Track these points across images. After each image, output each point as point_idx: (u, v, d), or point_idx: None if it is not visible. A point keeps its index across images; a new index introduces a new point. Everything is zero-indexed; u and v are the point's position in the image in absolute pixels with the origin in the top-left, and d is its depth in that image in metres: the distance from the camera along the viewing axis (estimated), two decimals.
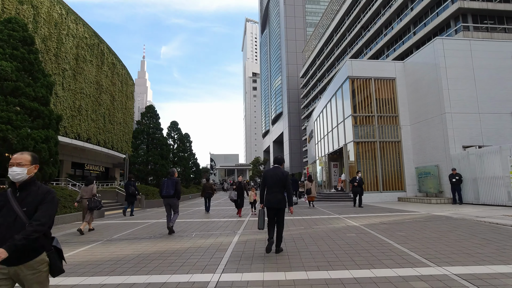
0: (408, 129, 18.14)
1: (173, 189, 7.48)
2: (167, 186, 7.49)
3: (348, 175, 18.90)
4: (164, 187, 7.53)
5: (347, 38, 51.60)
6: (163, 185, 7.56)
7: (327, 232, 6.99)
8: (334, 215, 10.46)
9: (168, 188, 7.49)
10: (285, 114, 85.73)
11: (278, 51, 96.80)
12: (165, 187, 7.51)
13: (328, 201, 18.61)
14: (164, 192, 7.48)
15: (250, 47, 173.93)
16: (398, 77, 18.59)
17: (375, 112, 18.21)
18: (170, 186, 7.49)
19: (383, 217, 9.39)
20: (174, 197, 7.53)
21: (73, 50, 23.93)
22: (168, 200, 7.57)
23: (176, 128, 29.57)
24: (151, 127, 21.71)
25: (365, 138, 17.99)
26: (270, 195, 5.19)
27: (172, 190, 7.47)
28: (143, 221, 10.46)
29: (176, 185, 7.53)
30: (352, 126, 18.00)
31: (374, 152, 17.92)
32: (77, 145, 24.49)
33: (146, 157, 20.80)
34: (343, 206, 14.43)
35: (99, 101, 27.88)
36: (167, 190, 7.48)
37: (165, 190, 7.49)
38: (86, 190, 8.65)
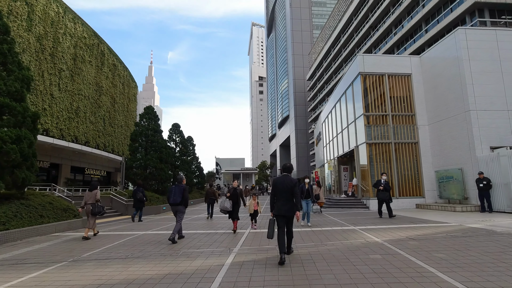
0: (426, 129, 16.62)
1: (180, 196, 7.32)
2: (174, 193, 7.33)
3: (359, 179, 17.41)
4: (171, 194, 7.39)
5: (354, 38, 50.24)
6: (171, 192, 7.45)
7: (344, 252, 5.60)
8: (349, 226, 9.04)
9: (175, 195, 7.32)
10: (292, 117, 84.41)
11: (284, 54, 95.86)
12: (173, 194, 7.36)
13: (338, 207, 17.13)
14: (172, 199, 7.34)
15: (256, 51, 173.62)
16: (414, 73, 17.11)
17: (389, 111, 16.74)
18: (178, 193, 7.33)
19: (407, 230, 7.94)
20: (181, 204, 7.37)
21: (71, 50, 23.07)
22: (176, 208, 7.42)
23: (178, 131, 28.43)
24: (150, 129, 20.57)
25: (378, 139, 16.51)
26: (280, 202, 5.26)
27: (179, 197, 7.31)
28: (130, 233, 9.18)
29: (183, 192, 7.38)
30: (364, 127, 16.56)
31: (389, 155, 16.43)
32: (75, 148, 23.50)
33: (144, 161, 19.64)
34: (356, 214, 12.94)
35: (98, 103, 26.95)
36: (174, 197, 7.32)
37: (172, 197, 7.34)
38: (90, 195, 8.66)
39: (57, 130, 21.26)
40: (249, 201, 9.48)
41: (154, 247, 6.66)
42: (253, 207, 9.12)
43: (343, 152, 20.99)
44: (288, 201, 5.23)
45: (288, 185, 5.28)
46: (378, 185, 11.45)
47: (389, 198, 11.28)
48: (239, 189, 9.35)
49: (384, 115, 16.82)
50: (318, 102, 71.32)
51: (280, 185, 5.33)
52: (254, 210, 9.13)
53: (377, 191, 11.52)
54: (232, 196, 9.04)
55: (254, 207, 9.10)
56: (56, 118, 21.18)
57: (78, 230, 10.10)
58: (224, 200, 8.74)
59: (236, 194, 9.12)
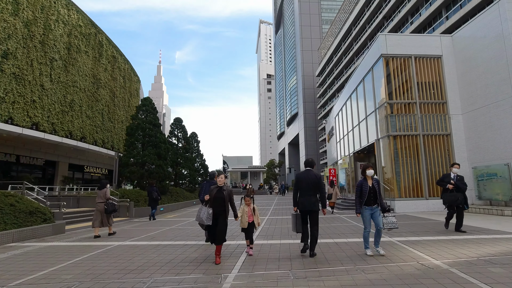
0: (460, 118, 14.35)
1: None
2: (205, 191, 6.90)
3: (381, 177, 15.25)
4: (202, 191, 7.12)
5: (367, 30, 47.73)
6: (202, 189, 7.22)
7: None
8: (384, 237, 6.98)
9: (206, 192, 6.62)
10: (301, 114, 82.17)
11: (293, 50, 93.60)
12: (203, 191, 7.04)
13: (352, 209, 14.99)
14: (201, 197, 6.95)
15: (264, 48, 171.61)
16: (445, 55, 14.85)
17: (417, 99, 14.53)
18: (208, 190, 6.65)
19: (468, 244, 5.85)
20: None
21: (64, 38, 21.47)
22: None
23: (180, 126, 26.62)
24: (147, 122, 18.79)
25: (404, 131, 14.32)
26: (304, 198, 5.27)
27: None
28: (103, 243, 7.33)
29: None
30: (388, 117, 14.38)
31: (416, 148, 14.23)
32: (69, 144, 21.94)
33: (141, 157, 17.87)
34: None
35: (96, 97, 25.36)
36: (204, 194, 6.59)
37: (202, 194, 6.99)
38: (100, 194, 8.58)
39: (48, 124, 19.67)
40: (241, 208, 5.87)
41: (121, 275, 4.76)
42: (247, 218, 5.75)
43: (360, 147, 18.83)
44: (312, 196, 5.25)
45: (312, 180, 5.30)
46: (446, 182, 7.57)
47: (465, 203, 7.38)
48: (227, 189, 5.47)
49: (411, 103, 14.61)
50: (328, 98, 69.00)
51: (304, 180, 5.31)
52: (249, 223, 5.74)
53: (443, 191, 7.75)
54: (215, 202, 5.27)
55: (249, 217, 5.76)
56: (47, 111, 19.59)
57: (45, 238, 8.29)
58: (202, 209, 5.31)
59: (222, 198, 5.29)
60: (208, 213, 5.14)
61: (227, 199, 5.31)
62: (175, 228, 9.99)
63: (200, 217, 5.22)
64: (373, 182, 5.37)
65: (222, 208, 5.23)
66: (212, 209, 5.18)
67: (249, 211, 5.80)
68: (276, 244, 6.52)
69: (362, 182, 5.40)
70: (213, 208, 5.19)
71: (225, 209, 5.24)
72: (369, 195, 5.27)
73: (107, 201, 8.50)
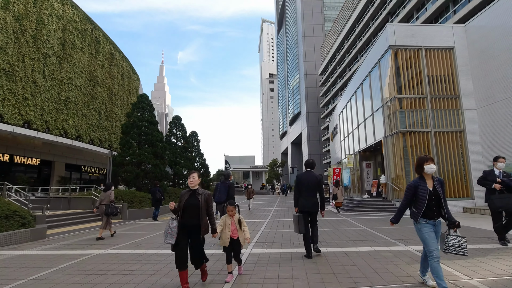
0: (474, 114, 13.42)
1: (225, 194, 6.84)
2: (219, 191, 6.91)
3: (389, 176, 14.35)
4: (216, 192, 6.94)
5: (371, 27, 46.79)
6: (216, 190, 7.00)
7: None
8: (397, 244, 6.09)
9: (220, 193, 6.90)
10: (303, 113, 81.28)
11: (295, 49, 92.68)
12: (218, 192, 6.94)
13: (362, 210, 14.12)
14: (216, 197, 6.87)
15: (266, 48, 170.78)
16: (458, 46, 13.92)
17: (428, 93, 13.61)
18: (223, 191, 6.89)
19: (502, 255, 4.97)
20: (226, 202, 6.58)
21: (58, 33, 20.76)
22: (220, 207, 6.95)
23: (179, 124, 25.81)
24: (144, 120, 17.99)
25: (415, 127, 13.41)
26: (304, 198, 5.24)
27: (224, 195, 6.85)
28: (81, 252, 6.52)
29: (228, 190, 6.85)
30: (397, 112, 13.48)
31: (428, 146, 13.32)
32: (64, 143, 21.25)
33: (137, 156, 17.08)
34: None
35: (92, 94, 24.65)
36: (219, 195, 6.90)
37: (217, 195, 6.89)
38: (105, 196, 8.59)
39: (41, 122, 18.97)
40: (222, 220, 4.23)
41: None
42: (229, 234, 4.10)
43: (366, 145, 17.92)
44: (312, 197, 5.27)
45: (313, 181, 5.29)
46: (491, 181, 5.81)
47: None
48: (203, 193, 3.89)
49: (421, 97, 13.70)
50: (331, 97, 68.07)
51: (304, 181, 5.30)
52: (232, 240, 4.11)
53: (488, 193, 5.92)
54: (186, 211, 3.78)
55: (232, 233, 4.12)
56: (40, 109, 18.89)
57: (20, 245, 7.49)
58: (170, 222, 3.79)
59: (196, 206, 3.78)
60: (171, 228, 3.70)
61: (203, 207, 3.80)
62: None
63: (167, 232, 3.74)
64: (434, 183, 3.51)
65: (196, 221, 3.72)
66: (179, 222, 3.74)
67: (232, 224, 4.15)
68: (276, 254, 5.67)
69: (418, 183, 3.57)
70: (184, 221, 3.72)
71: (199, 222, 3.74)
72: (429, 202, 3.44)
73: (110, 204, 8.44)
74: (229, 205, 4.20)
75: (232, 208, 4.18)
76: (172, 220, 3.81)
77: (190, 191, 3.90)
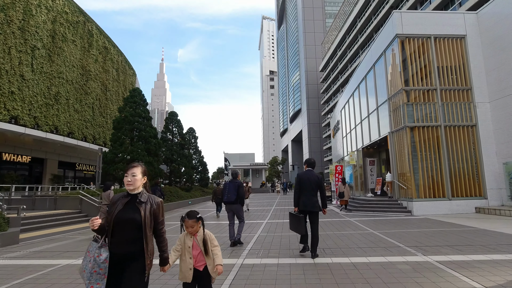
0: (487, 107, 12.52)
1: (235, 193, 6.49)
2: (228, 191, 6.53)
3: (395, 174, 13.48)
4: (225, 192, 6.59)
5: (373, 22, 45.81)
6: (225, 189, 6.64)
7: None
8: (414, 253, 5.22)
9: (229, 192, 6.50)
10: (304, 111, 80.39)
11: (295, 45, 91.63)
12: (227, 191, 6.56)
13: (367, 210, 13.27)
14: (225, 197, 6.54)
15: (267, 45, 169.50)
16: (470, 34, 12.99)
17: (437, 85, 12.70)
18: (232, 191, 6.50)
19: None
20: (236, 203, 6.56)
21: (48, 25, 19.86)
22: (231, 207, 6.62)
23: (175, 120, 24.92)
24: (136, 115, 17.12)
25: (423, 122, 12.52)
26: (306, 197, 5.24)
27: (234, 195, 6.49)
28: (47, 262, 5.68)
29: (238, 189, 6.52)
30: (404, 106, 12.58)
31: (437, 141, 12.43)
32: (55, 140, 20.40)
33: (129, 153, 16.23)
34: (401, 224, 9.02)
35: (85, 89, 23.78)
36: (229, 195, 6.50)
37: (226, 195, 6.54)
38: (104, 196, 8.55)
39: (29, 118, 18.12)
40: (180, 240, 2.67)
41: None
42: (191, 263, 2.55)
43: (369, 142, 17.04)
44: (313, 196, 5.26)
45: (314, 180, 5.33)
46: None
47: None
48: (151, 200, 2.37)
49: (431, 89, 12.79)
50: (332, 93, 67.17)
51: (306, 180, 5.31)
52: (197, 272, 2.56)
53: None
54: (118, 230, 2.22)
55: (195, 260, 2.57)
56: (28, 104, 18.03)
57: None
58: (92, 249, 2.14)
59: (136, 222, 2.23)
60: (97, 261, 2.09)
61: (148, 223, 2.27)
62: None
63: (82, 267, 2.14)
64: None
65: (134, 247, 2.22)
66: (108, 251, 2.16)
67: (194, 247, 2.60)
68: (272, 267, 4.82)
69: None
70: (113, 247, 2.19)
71: (139, 248, 2.23)
72: None
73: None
74: (188, 218, 2.61)
75: (192, 222, 2.58)
76: (96, 247, 2.15)
77: (127, 196, 2.34)
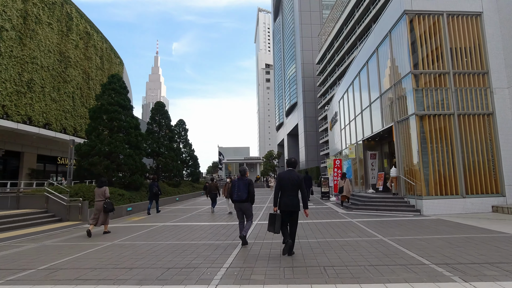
0: (506, 93, 11.12)
1: (246, 192, 6.13)
2: (238, 189, 6.18)
3: (401, 169, 12.09)
4: (235, 190, 6.25)
5: (371, 11, 44.34)
6: (234, 187, 6.29)
7: None
8: (455, 282, 3.79)
9: (240, 190, 6.16)
10: (300, 104, 78.91)
11: (292, 37, 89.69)
12: (236, 189, 6.22)
13: (369, 209, 11.88)
14: (236, 196, 6.19)
15: (263, 37, 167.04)
16: (487, 12, 11.52)
17: (450, 68, 11.26)
18: (242, 189, 6.16)
19: None
20: (247, 201, 6.18)
21: (18, 4, 17.98)
22: (240, 205, 6.21)
23: (162, 111, 23.24)
24: (115, 103, 15.47)
25: (434, 110, 11.09)
26: (287, 198, 5.19)
27: (245, 193, 6.13)
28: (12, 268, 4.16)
29: (248, 187, 6.15)
30: (412, 91, 11.13)
31: (450, 132, 11.03)
32: (29, 131, 18.66)
33: (107, 145, 14.63)
34: (413, 226, 7.60)
35: (64, 77, 21.97)
36: (239, 193, 6.15)
37: (236, 193, 6.19)
38: (98, 192, 8.54)
39: None
40: None
41: None
42: None
43: (371, 133, 15.62)
44: (295, 196, 5.19)
45: (295, 180, 5.25)
46: None
47: None
48: None
49: (442, 73, 11.34)
50: (329, 86, 65.77)
51: (286, 180, 5.26)
52: None
53: None
54: None
55: None
56: None
57: None
58: None
59: None
60: None
61: None
62: (121, 245, 6.83)
63: None
64: None
65: None
66: None
67: None
68: None
69: None
70: None
71: None
72: None
73: (105, 200, 8.48)
74: None
75: None
76: None
77: None
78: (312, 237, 6.95)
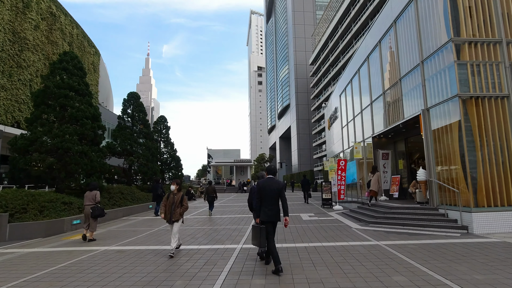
0: None
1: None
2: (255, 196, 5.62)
3: (433, 170, 9.18)
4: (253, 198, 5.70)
5: (368, 8, 42.08)
6: (251, 193, 6.04)
7: None
8: None
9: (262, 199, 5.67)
10: (293, 106, 76.35)
11: (284, 38, 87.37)
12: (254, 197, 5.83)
13: (393, 224, 8.91)
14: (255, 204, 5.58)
15: (255, 40, 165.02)
16: None
17: (503, 35, 8.46)
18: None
19: None
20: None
21: None
22: None
23: (137, 103, 19.95)
24: (65, 87, 12.19)
25: (482, 91, 8.23)
26: (268, 208, 4.97)
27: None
28: None
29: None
30: (454, 66, 8.26)
31: (504, 120, 8.18)
32: None
33: (52, 138, 11.34)
34: (494, 262, 4.65)
35: (18, 61, 18.54)
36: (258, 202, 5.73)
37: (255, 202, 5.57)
38: (89, 196, 8.21)
39: None
40: None
41: None
42: None
43: (385, 128, 12.72)
44: (275, 205, 5.00)
45: (276, 188, 5.03)
46: None
47: None
48: None
49: (493, 42, 8.51)
50: (323, 87, 63.39)
51: (267, 188, 5.00)
52: None
53: None
54: None
55: None
56: None
57: None
58: None
59: None
60: None
61: None
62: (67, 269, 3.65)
63: None
64: None
65: None
66: None
67: None
68: None
69: None
70: None
71: None
72: None
73: (96, 205, 8.09)
74: None
75: None
76: None
77: None
78: (332, 283, 3.91)
